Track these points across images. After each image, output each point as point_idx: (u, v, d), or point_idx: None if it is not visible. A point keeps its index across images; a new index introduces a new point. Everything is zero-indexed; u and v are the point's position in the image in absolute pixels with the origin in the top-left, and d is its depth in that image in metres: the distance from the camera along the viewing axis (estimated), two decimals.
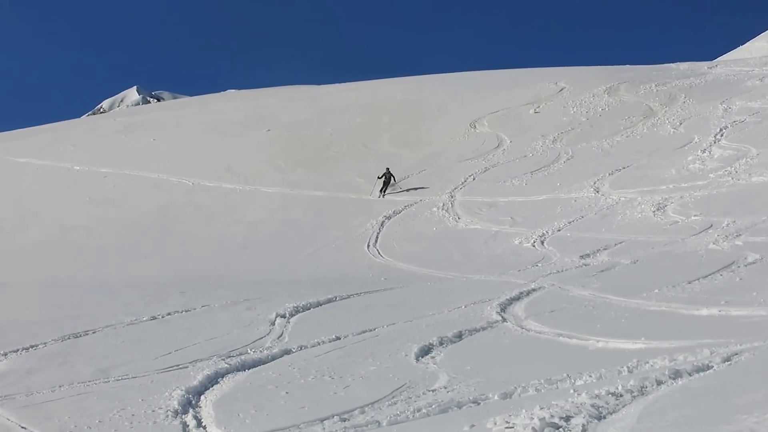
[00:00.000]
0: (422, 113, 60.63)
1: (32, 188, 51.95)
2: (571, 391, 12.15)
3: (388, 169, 47.03)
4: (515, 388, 13.08)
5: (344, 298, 24.49)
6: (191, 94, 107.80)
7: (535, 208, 38.72)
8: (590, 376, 13.12)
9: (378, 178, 46.68)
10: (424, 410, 12.67)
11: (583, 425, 9.98)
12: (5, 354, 18.92)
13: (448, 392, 13.67)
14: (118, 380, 16.56)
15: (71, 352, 19.36)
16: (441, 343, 17.41)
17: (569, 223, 35.48)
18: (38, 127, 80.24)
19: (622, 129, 51.73)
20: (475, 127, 56.41)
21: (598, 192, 39.45)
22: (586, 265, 27.51)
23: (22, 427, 13.74)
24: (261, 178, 50.03)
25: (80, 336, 20.83)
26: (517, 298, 22.20)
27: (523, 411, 10.94)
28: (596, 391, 11.51)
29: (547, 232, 34.53)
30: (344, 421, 12.54)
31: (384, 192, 46.08)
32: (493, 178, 45.33)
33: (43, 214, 46.41)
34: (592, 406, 10.74)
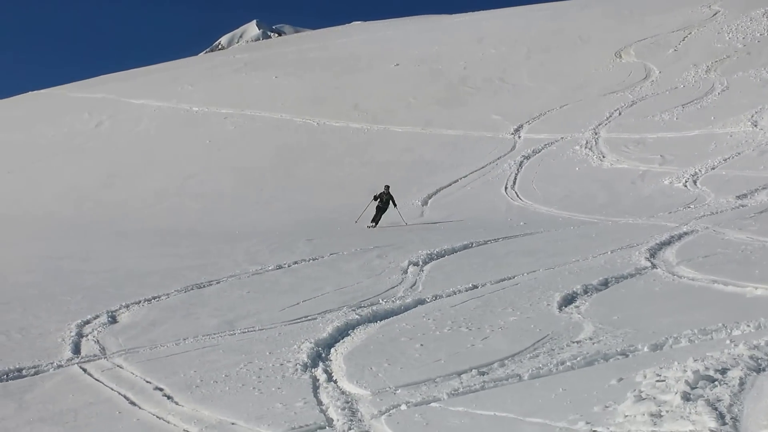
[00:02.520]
0: (562, 43, 59.88)
1: (149, 132, 52.83)
2: (728, 341, 11.99)
3: (387, 187, 34.16)
4: (666, 339, 12.97)
5: (481, 245, 24.48)
6: (314, 28, 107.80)
7: (686, 145, 38.04)
8: (748, 326, 12.92)
9: (374, 199, 34.02)
10: (567, 363, 12.63)
11: (741, 378, 9.84)
12: (127, 306, 19.43)
13: (593, 344, 13.60)
14: (244, 332, 16.89)
15: (195, 304, 19.79)
16: (585, 292, 17.31)
17: (725, 160, 34.82)
18: (153, 66, 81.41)
19: None
20: (620, 56, 55.58)
21: (756, 126, 38.48)
22: (743, 206, 27.02)
23: (147, 382, 14.12)
24: (390, 116, 49.98)
25: (204, 287, 21.28)
26: (668, 243, 21.94)
27: (675, 363, 10.84)
28: (755, 342, 11.33)
29: (700, 170, 33.96)
30: (483, 374, 12.55)
31: (377, 220, 33.35)
32: (641, 112, 44.59)
33: (161, 160, 47.14)
34: (751, 357, 10.59)
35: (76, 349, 16.38)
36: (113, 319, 18.52)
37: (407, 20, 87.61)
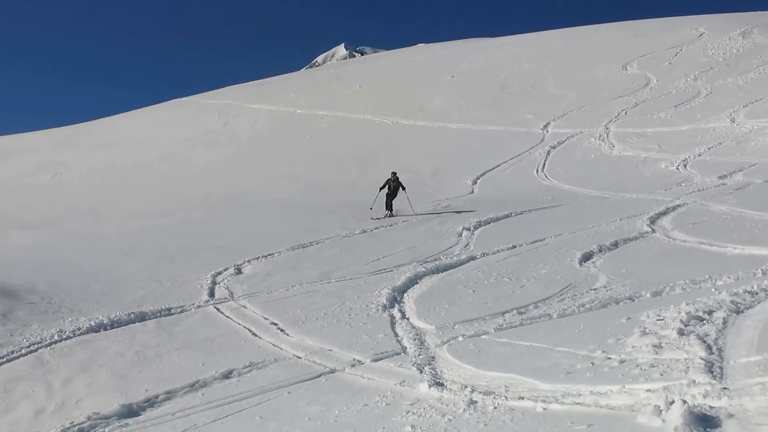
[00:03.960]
0: (580, 58, 59.34)
1: (263, 129, 53.12)
2: (713, 290, 11.89)
3: (394, 173, 29.03)
4: (664, 287, 12.88)
5: (518, 214, 24.43)
6: (388, 48, 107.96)
7: (678, 137, 37.59)
8: (729, 278, 12.79)
9: (380, 188, 28.40)
10: (587, 305, 12.65)
11: (724, 318, 9.79)
12: (250, 261, 19.66)
13: (607, 291, 13.55)
14: (338, 281, 16.99)
15: (300, 259, 19.95)
16: (600, 251, 17.23)
17: (708, 149, 34.39)
18: (266, 78, 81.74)
19: (755, 67, 49.35)
20: (626, 69, 54.92)
21: (733, 122, 37.99)
22: (723, 184, 26.70)
23: (265, 318, 14.32)
24: (446, 116, 49.88)
25: (307, 246, 21.45)
26: (664, 213, 21.74)
27: (672, 306, 10.82)
28: (734, 290, 11.25)
29: (689, 157, 33.56)
30: (521, 314, 12.60)
31: (392, 207, 27.64)
32: (642, 112, 44.09)
33: (272, 150, 47.45)
34: (732, 302, 10.52)
35: (211, 294, 16.58)
36: (239, 271, 18.71)
37: (459, 42, 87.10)
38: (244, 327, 13.84)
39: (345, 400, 9.47)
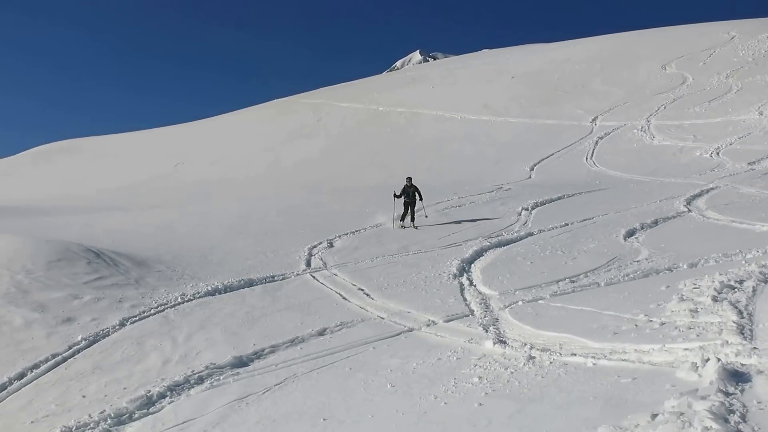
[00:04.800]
0: (624, 60, 58.19)
1: (351, 124, 53.30)
2: (743, 262, 11.63)
3: (410, 179, 22.26)
4: (699, 260, 12.67)
5: (570, 196, 24.16)
6: (457, 54, 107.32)
7: (711, 128, 36.72)
8: (757, 251, 12.50)
9: (395, 197, 21.99)
10: (631, 275, 12.49)
11: (753, 287, 9.55)
12: (340, 236, 19.77)
13: (648, 262, 13.36)
14: (415, 254, 17.00)
15: (382, 235, 20.00)
16: (642, 228, 17.00)
17: (738, 138, 33.56)
18: (352, 81, 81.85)
19: None
20: (665, 68, 53.70)
21: (761, 114, 36.98)
22: (752, 169, 26.19)
23: (353, 284, 14.41)
24: (508, 111, 49.46)
25: (380, 227, 21.46)
26: (699, 195, 21.39)
27: (706, 276, 10.57)
28: (763, 262, 10.95)
29: (721, 145, 32.81)
30: (573, 282, 12.48)
31: (413, 216, 21.48)
32: (679, 106, 43.13)
33: (358, 142, 47.60)
34: (760, 273, 10.24)
35: (308, 264, 16.70)
36: (331, 245, 18.82)
37: (518, 47, 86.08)
38: (336, 292, 13.94)
39: (421, 355, 9.49)
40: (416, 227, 20.87)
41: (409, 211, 21.42)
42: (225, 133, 58.32)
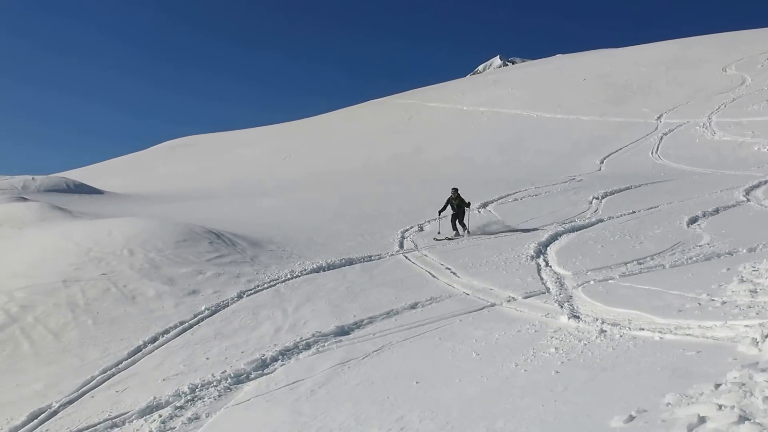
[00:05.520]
0: (688, 63, 56.30)
1: (438, 122, 53.04)
2: None
3: (455, 190, 18.60)
4: (758, 245, 12.34)
5: (637, 187, 23.61)
6: (533, 58, 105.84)
7: None
8: None
9: (440, 211, 18.46)
10: (694, 258, 12.24)
11: None
12: (429, 221, 19.69)
13: (710, 247, 13.05)
14: (497, 237, 16.90)
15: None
16: (704, 215, 16.59)
17: None
18: (439, 83, 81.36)
19: None
20: (725, 70, 51.77)
21: None
22: None
23: (441, 264, 14.43)
24: (579, 110, 48.49)
25: (471, 212, 21.17)
26: (757, 186, 20.76)
27: (765, 260, 10.28)
28: None
29: None
30: (640, 264, 12.27)
31: (464, 225, 18.10)
32: (739, 105, 41.57)
33: (445, 138, 47.36)
34: None
35: (401, 245, 16.78)
36: (421, 229, 18.86)
37: (589, 52, 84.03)
38: (426, 270, 13.99)
39: (503, 327, 9.47)
40: (470, 232, 17.79)
41: (458, 223, 18.09)
42: (325, 131, 58.90)
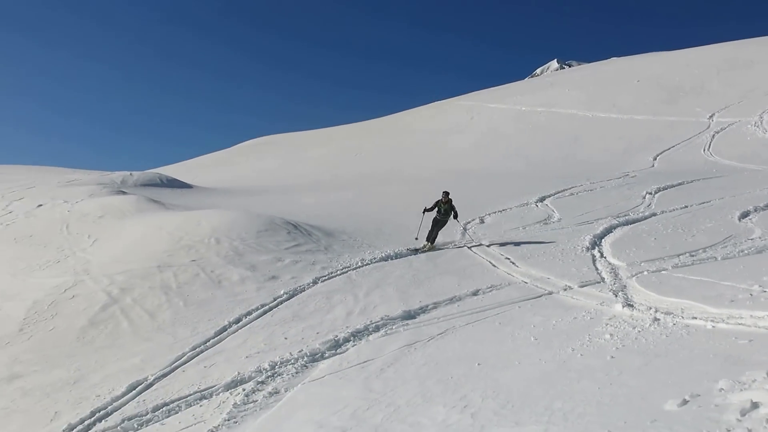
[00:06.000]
0: (737, 64, 54.23)
1: (498, 122, 52.43)
2: None
3: (446, 194, 16.34)
4: None
5: (689, 182, 22.90)
6: (589, 62, 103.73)
7: None
8: None
9: (425, 211, 16.39)
10: (745, 251, 11.85)
11: None
12: (489, 214, 19.49)
13: (761, 240, 12.61)
14: (553, 229, 16.63)
15: (525, 213, 19.46)
16: (755, 210, 15.97)
17: None
18: (499, 86, 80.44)
19: None
20: None
21: None
22: None
23: (501, 254, 14.23)
24: (634, 110, 47.25)
25: (529, 204, 20.93)
26: None
27: None
28: None
29: None
30: (692, 256, 11.92)
31: (434, 237, 15.65)
32: None
33: (502, 135, 46.81)
34: None
35: (463, 236, 16.63)
36: (482, 221, 18.66)
37: (643, 55, 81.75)
38: (487, 260, 13.88)
39: (560, 314, 9.33)
40: (427, 249, 15.24)
41: (435, 230, 15.69)
42: (393, 129, 58.88)
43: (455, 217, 16.14)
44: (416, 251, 15.17)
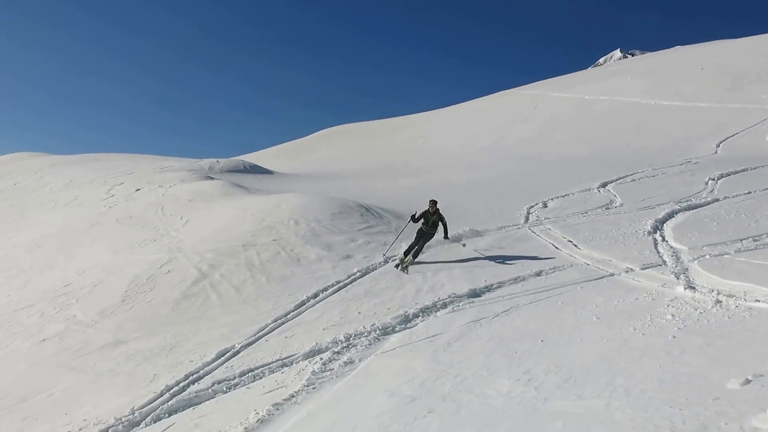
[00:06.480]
0: None
1: (561, 110, 51.31)
2: None
3: (434, 203, 13.36)
4: None
5: (753, 169, 21.84)
6: (652, 50, 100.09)
7: None
8: None
9: (413, 220, 13.23)
10: None
11: None
12: (552, 198, 19.09)
13: None
14: (615, 213, 16.20)
15: (587, 198, 18.88)
16: None
17: None
18: (563, 76, 78.68)
19: None
20: None
21: None
22: None
23: (564, 237, 13.98)
24: (697, 97, 45.46)
25: (591, 190, 20.40)
26: None
27: None
28: None
29: None
30: (755, 241, 11.42)
31: (418, 252, 12.72)
32: None
33: (568, 126, 45.85)
34: None
35: (527, 219, 16.42)
36: (545, 205, 18.30)
37: (707, 43, 78.33)
38: (549, 242, 13.66)
39: (621, 295, 9.14)
40: (407, 269, 12.39)
41: (419, 245, 12.93)
42: (460, 118, 58.41)
43: (445, 231, 13.37)
44: (397, 266, 12.61)
